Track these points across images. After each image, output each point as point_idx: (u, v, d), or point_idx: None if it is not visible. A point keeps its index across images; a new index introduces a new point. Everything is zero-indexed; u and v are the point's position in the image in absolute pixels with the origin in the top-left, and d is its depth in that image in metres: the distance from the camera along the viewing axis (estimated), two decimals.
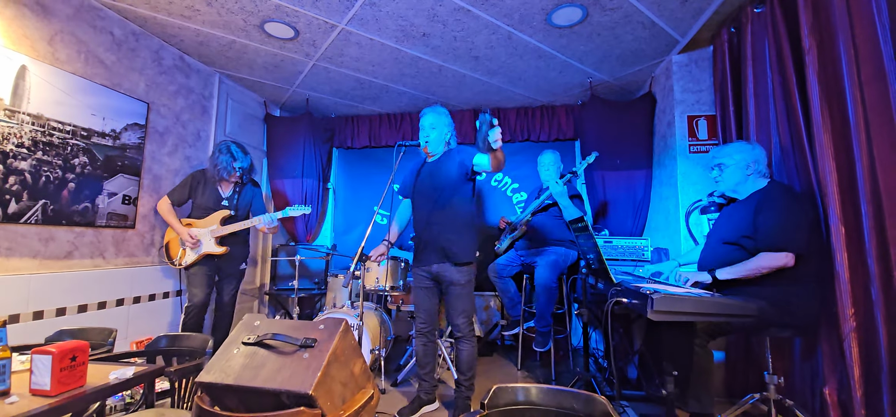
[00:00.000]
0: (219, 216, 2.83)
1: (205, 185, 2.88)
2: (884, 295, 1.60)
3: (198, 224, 2.83)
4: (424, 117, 2.31)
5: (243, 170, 2.89)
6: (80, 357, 1.26)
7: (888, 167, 1.56)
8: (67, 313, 2.37)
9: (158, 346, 1.84)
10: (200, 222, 2.83)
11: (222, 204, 2.88)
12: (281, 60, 3.20)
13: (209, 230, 2.80)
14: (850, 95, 1.69)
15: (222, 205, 2.87)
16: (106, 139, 2.57)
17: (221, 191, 2.91)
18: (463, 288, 2.18)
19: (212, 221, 2.82)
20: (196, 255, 2.77)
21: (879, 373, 1.61)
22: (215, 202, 2.87)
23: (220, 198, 2.89)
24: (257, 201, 3.05)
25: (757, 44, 2.31)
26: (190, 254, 2.77)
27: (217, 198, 2.89)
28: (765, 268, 1.81)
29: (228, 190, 2.92)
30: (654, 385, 2.43)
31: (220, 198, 2.89)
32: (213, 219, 2.82)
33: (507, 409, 1.11)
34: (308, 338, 1.22)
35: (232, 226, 2.82)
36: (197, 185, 2.89)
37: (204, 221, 2.83)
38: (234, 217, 2.87)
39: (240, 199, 2.94)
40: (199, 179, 2.91)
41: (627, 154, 3.44)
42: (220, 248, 2.79)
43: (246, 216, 2.96)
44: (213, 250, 2.78)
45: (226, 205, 2.88)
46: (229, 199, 2.90)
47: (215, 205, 2.86)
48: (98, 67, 2.53)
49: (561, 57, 3.05)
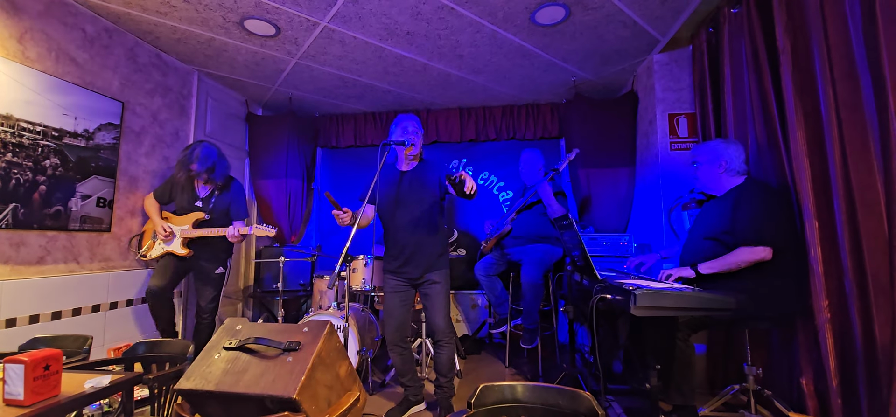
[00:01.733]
0: (192, 217, 2.75)
1: (182, 185, 2.80)
2: (857, 288, 1.65)
3: (173, 220, 2.77)
4: (408, 121, 2.26)
5: (197, 173, 2.73)
6: (54, 366, 1.23)
7: (860, 163, 1.61)
8: (41, 320, 2.29)
9: (136, 353, 1.79)
10: (177, 219, 2.77)
11: (196, 205, 2.79)
12: (262, 58, 3.14)
13: (180, 229, 2.73)
14: (823, 93, 1.75)
15: (196, 207, 2.78)
16: (78, 139, 2.48)
17: (199, 191, 2.82)
18: (441, 286, 2.20)
19: (185, 221, 2.75)
20: (161, 250, 2.72)
21: (854, 363, 1.67)
22: (190, 202, 2.79)
23: (196, 199, 2.80)
24: (237, 205, 2.87)
25: (734, 43, 2.36)
26: (156, 248, 2.74)
27: (192, 198, 2.80)
28: (743, 262, 1.85)
29: (206, 191, 2.83)
30: (638, 379, 2.47)
31: (195, 198, 2.80)
32: (186, 220, 2.75)
33: (494, 407, 1.11)
34: (292, 342, 1.20)
35: (201, 231, 2.73)
36: (177, 184, 2.81)
37: (179, 220, 2.77)
38: (208, 220, 2.78)
39: (217, 201, 2.82)
40: (177, 178, 2.83)
41: (611, 152, 3.49)
42: (182, 251, 2.70)
43: (224, 218, 2.84)
44: (175, 251, 2.70)
45: (200, 207, 2.78)
46: (205, 201, 2.80)
47: (189, 205, 2.78)
48: (70, 65, 2.44)
49: (545, 56, 3.07)
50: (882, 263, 1.53)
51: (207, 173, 2.74)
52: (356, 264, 2.99)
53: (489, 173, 4.24)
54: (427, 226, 2.20)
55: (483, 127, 4.14)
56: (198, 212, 2.76)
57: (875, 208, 1.56)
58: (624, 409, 2.21)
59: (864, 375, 1.63)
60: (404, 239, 2.22)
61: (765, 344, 2.27)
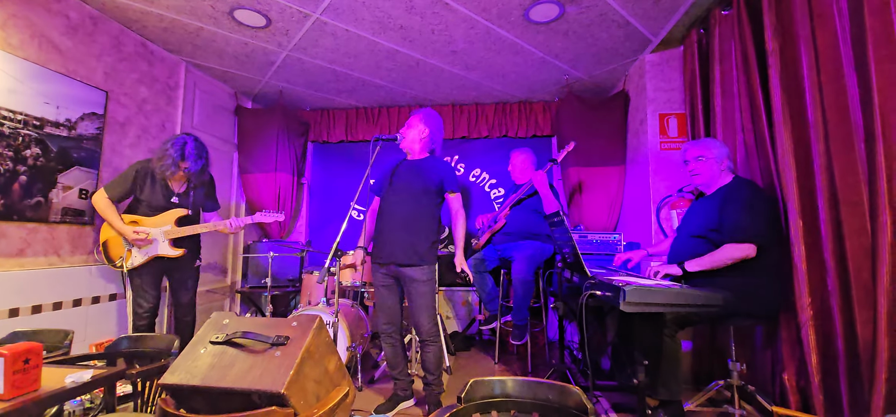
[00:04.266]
0: (173, 215, 2.52)
1: (152, 180, 2.50)
2: (839, 286, 1.69)
3: (146, 223, 2.47)
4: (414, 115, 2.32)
5: (190, 173, 2.50)
6: (34, 360, 1.21)
7: (843, 164, 1.65)
8: (21, 314, 2.23)
9: (119, 348, 1.75)
10: (150, 221, 2.48)
11: (173, 201, 2.55)
12: (252, 50, 3.09)
13: (162, 231, 2.48)
14: (810, 95, 1.78)
15: (173, 204, 2.56)
16: (60, 129, 2.42)
17: (173, 187, 2.55)
18: (425, 284, 2.17)
19: (165, 221, 2.50)
20: (145, 257, 2.44)
21: (836, 359, 1.71)
22: (166, 199, 2.52)
23: (172, 195, 2.54)
24: (211, 198, 2.74)
25: (724, 44, 2.39)
26: (137, 256, 2.42)
27: (168, 194, 2.53)
28: (729, 259, 1.88)
29: (181, 187, 2.58)
30: (626, 375, 2.50)
31: (171, 194, 2.54)
32: (165, 219, 2.51)
33: (484, 402, 1.11)
34: (280, 336, 1.18)
35: (190, 228, 2.53)
36: (143, 179, 2.49)
37: (155, 221, 2.48)
38: (189, 217, 2.58)
39: (195, 196, 2.63)
40: (145, 172, 2.50)
41: (602, 150, 3.51)
42: (175, 251, 2.50)
43: (198, 213, 2.69)
44: (167, 253, 2.48)
45: (177, 204, 2.56)
46: (182, 196, 2.57)
47: (166, 203, 2.52)
48: (52, 53, 2.37)
49: (538, 53, 3.07)
50: (864, 262, 1.57)
51: (199, 173, 2.52)
52: (346, 260, 2.96)
53: (481, 170, 4.24)
54: (413, 217, 2.18)
55: (475, 124, 4.14)
56: (180, 209, 2.54)
57: (858, 207, 1.59)
58: (611, 405, 2.23)
59: (845, 371, 1.67)
60: (387, 224, 2.22)
61: (749, 340, 2.31)
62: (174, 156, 2.42)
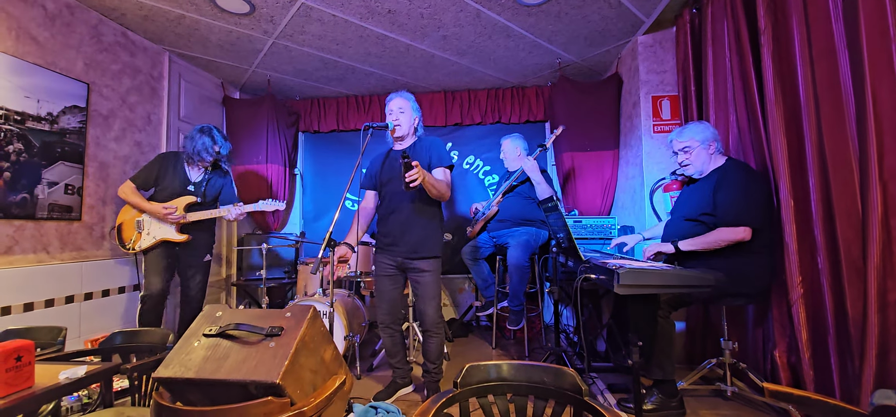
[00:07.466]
0: (183, 201, 2.63)
1: (174, 168, 2.67)
2: (829, 264, 1.71)
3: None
4: (391, 100, 2.26)
5: (221, 156, 2.72)
6: (26, 357, 1.20)
7: (835, 142, 1.65)
8: (13, 312, 2.20)
9: (114, 343, 1.73)
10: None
11: (188, 188, 2.67)
12: (237, 37, 3.02)
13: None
14: (801, 73, 1.77)
15: (188, 191, 2.67)
16: (42, 123, 2.36)
17: (190, 175, 2.70)
18: (431, 275, 2.18)
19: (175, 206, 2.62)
20: (152, 240, 2.57)
21: (826, 336, 1.73)
22: (182, 185, 2.66)
23: (188, 182, 2.68)
24: (228, 189, 2.84)
25: (716, 25, 2.37)
26: (145, 238, 2.57)
27: (184, 181, 2.67)
28: (723, 242, 1.90)
29: (198, 175, 2.72)
30: (620, 356, 2.53)
31: (187, 181, 2.68)
32: (176, 204, 2.62)
33: (480, 386, 1.11)
34: (274, 327, 1.17)
35: (197, 214, 2.63)
36: (166, 168, 2.67)
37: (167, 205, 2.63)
38: (199, 204, 2.68)
39: (209, 186, 2.74)
40: (169, 162, 2.69)
41: (596, 134, 3.50)
42: (180, 236, 2.61)
43: (214, 204, 2.77)
44: (172, 237, 2.59)
45: (192, 191, 2.67)
46: (197, 185, 2.70)
47: (181, 189, 2.66)
48: (30, 45, 2.30)
49: (530, 36, 3.04)
50: (855, 240, 1.58)
51: (225, 160, 2.78)
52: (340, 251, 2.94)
53: (475, 157, 4.22)
54: (419, 209, 2.17)
55: (468, 110, 4.10)
56: (189, 196, 2.65)
57: (849, 186, 1.60)
58: (607, 385, 2.26)
59: (835, 347, 1.70)
60: (389, 216, 2.21)
61: (741, 319, 2.34)
62: (206, 143, 2.63)
